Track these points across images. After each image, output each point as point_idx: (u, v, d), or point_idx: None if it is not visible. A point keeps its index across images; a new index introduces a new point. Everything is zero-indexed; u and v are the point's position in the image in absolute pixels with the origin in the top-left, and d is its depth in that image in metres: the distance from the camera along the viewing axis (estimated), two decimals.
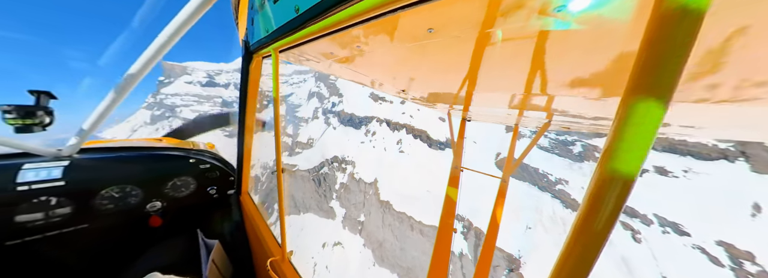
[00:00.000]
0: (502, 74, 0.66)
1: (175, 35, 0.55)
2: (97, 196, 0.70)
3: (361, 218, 32.66)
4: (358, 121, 45.92)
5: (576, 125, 1.54)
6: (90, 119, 0.67)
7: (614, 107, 0.66)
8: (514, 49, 0.49)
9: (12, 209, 0.61)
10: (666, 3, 0.20)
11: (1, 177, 0.61)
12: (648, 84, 0.21)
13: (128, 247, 0.76)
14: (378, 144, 40.17)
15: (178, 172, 0.83)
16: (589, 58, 0.48)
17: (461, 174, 1.96)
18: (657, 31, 0.21)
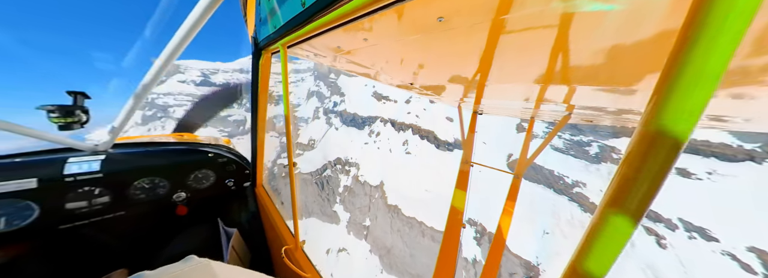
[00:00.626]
0: (518, 64, 0.62)
1: (189, 35, 0.57)
2: (130, 187, 0.80)
3: (366, 222, 31.76)
4: (362, 121, 45.01)
5: (599, 117, 1.37)
6: (119, 118, 0.76)
7: (644, 98, 0.61)
8: (533, 36, 0.46)
9: (62, 197, 0.73)
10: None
11: (51, 169, 0.73)
12: (690, 71, 0.18)
13: (159, 233, 0.85)
14: (383, 145, 39.33)
15: (199, 165, 0.91)
16: (620, 43, 0.42)
17: (471, 170, 1.89)
18: (705, 5, 0.18)
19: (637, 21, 0.35)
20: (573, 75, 0.62)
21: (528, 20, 0.40)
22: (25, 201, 0.67)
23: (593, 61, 0.53)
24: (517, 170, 1.81)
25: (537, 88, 0.79)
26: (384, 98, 47.04)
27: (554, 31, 0.42)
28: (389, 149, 37.57)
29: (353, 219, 32.79)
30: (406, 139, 37.98)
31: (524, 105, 1.31)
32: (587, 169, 24.24)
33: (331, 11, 0.44)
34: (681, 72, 0.19)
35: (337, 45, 0.67)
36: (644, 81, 0.56)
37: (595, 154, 24.83)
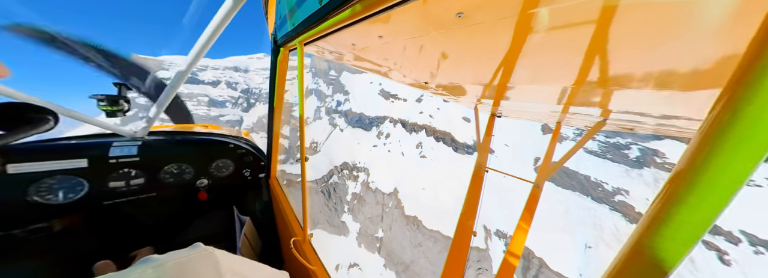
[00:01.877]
0: (546, 64, 0.58)
1: (216, 32, 0.61)
2: (161, 171, 0.90)
3: (379, 233, 29.57)
4: (369, 122, 42.70)
5: (640, 125, 1.17)
6: (154, 109, 0.85)
7: (701, 102, 0.55)
8: (566, 33, 0.42)
9: (107, 176, 0.83)
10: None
11: (99, 151, 0.83)
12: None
13: (182, 215, 0.96)
14: (394, 148, 37.20)
15: (220, 155, 1.02)
16: (674, 38, 0.37)
17: (486, 175, 1.85)
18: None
19: (703, 12, 0.29)
20: (613, 77, 0.55)
21: (562, 15, 0.36)
22: (77, 178, 0.78)
23: (641, 61, 0.46)
24: (538, 179, 1.65)
25: (567, 90, 0.71)
26: (392, 97, 44.82)
27: (593, 26, 0.37)
28: (401, 153, 35.46)
29: (364, 230, 30.55)
30: (419, 141, 35.96)
31: (550, 109, 1.14)
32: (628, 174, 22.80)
33: (347, 8, 0.45)
34: (758, 72, 0.16)
35: (352, 42, 0.66)
36: (705, 82, 0.48)
37: (635, 158, 23.42)
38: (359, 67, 1.00)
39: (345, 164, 37.28)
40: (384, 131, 39.39)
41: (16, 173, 0.69)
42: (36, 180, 0.72)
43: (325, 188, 33.96)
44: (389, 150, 36.63)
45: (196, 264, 0.21)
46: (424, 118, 38.82)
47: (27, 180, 0.71)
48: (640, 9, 0.32)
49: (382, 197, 31.34)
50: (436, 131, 35.61)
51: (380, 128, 40.40)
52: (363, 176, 34.59)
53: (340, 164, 37.35)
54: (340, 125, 44.00)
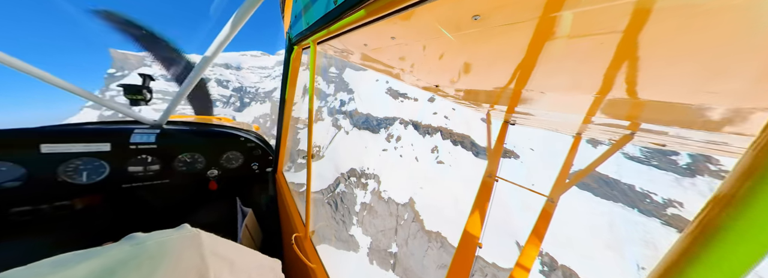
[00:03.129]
0: (567, 70, 0.55)
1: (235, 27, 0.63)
2: (175, 159, 0.95)
3: (392, 248, 27.11)
4: (376, 123, 40.10)
5: (676, 141, 1.07)
6: (174, 99, 0.89)
7: (759, 118, 0.49)
8: (590, 38, 0.39)
9: (126, 161, 0.87)
10: None
11: (121, 137, 0.87)
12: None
13: (192, 202, 1.03)
14: (406, 152, 34.73)
15: (231, 147, 1.06)
16: (722, 45, 0.32)
17: (496, 185, 1.82)
18: None
19: (753, 18, 0.26)
20: (645, 86, 0.51)
21: (587, 19, 0.34)
22: (100, 161, 0.84)
23: (680, 69, 0.42)
24: (553, 192, 1.55)
25: (589, 100, 0.66)
26: (401, 96, 42.31)
27: (622, 31, 0.34)
28: (415, 158, 33.05)
29: (375, 244, 28.02)
30: (435, 145, 33.62)
31: (569, 119, 1.08)
32: (679, 184, 20.96)
33: (361, 8, 0.46)
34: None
35: (364, 43, 0.67)
36: (757, 97, 0.43)
37: (686, 165, 21.63)
38: (371, 67, 1.00)
39: (352, 170, 34.57)
40: (394, 134, 36.87)
41: (48, 153, 0.76)
42: (65, 160, 0.79)
43: (332, 199, 31.25)
44: (401, 155, 34.16)
45: (178, 244, 0.21)
46: (439, 119, 36.51)
47: (57, 160, 0.77)
48: (679, 11, 0.27)
49: (396, 209, 28.85)
50: (453, 133, 33.32)
51: (389, 130, 37.85)
52: (373, 184, 32.00)
53: (347, 170, 34.63)
54: (344, 126, 41.22)
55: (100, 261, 0.16)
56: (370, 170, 34.02)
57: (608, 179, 23.27)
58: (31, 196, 0.77)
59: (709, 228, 0.16)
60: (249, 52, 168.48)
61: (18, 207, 0.75)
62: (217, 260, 0.23)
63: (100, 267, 0.16)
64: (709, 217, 0.16)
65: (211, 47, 0.70)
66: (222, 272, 0.22)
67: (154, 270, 0.17)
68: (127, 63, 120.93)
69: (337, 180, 33.00)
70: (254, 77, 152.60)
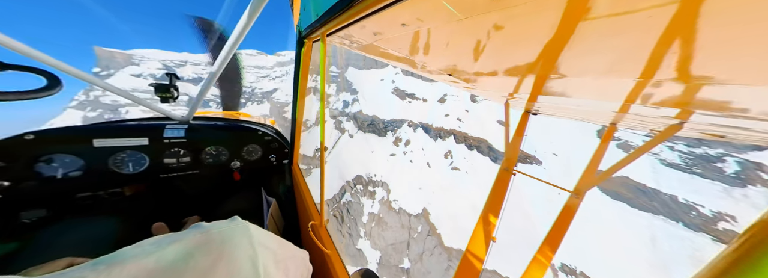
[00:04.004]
0: (603, 51, 0.49)
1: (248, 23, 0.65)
2: (203, 152, 1.05)
3: (404, 264, 25.00)
4: (383, 125, 37.95)
5: (736, 132, 0.91)
6: (198, 97, 0.98)
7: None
8: (633, 13, 0.33)
9: (162, 153, 0.97)
10: None
11: (156, 132, 0.96)
12: None
13: (219, 192, 1.14)
14: (417, 157, 32.65)
15: (250, 140, 1.15)
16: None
17: (513, 178, 1.75)
18: None
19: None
20: (704, 68, 0.42)
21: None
22: (141, 153, 0.93)
23: (757, 46, 0.33)
24: (579, 186, 1.39)
25: (630, 84, 0.59)
26: (409, 96, 40.22)
27: (676, 2, 0.29)
28: (427, 163, 31.00)
29: (386, 259, 25.86)
30: (448, 149, 31.61)
31: (603, 107, 0.98)
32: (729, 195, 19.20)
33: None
34: None
35: (374, 32, 0.67)
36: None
37: (734, 173, 19.90)
38: (382, 57, 0.99)
39: (358, 178, 32.33)
40: (402, 137, 34.77)
41: (99, 147, 0.87)
42: (113, 153, 0.89)
43: (338, 210, 28.99)
44: (411, 160, 32.06)
45: (235, 234, 0.25)
46: (451, 121, 34.49)
47: (107, 153, 0.88)
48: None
49: (408, 220, 26.75)
50: (467, 137, 31.31)
51: (397, 133, 35.73)
52: (381, 193, 29.85)
53: (353, 178, 32.36)
54: (349, 129, 38.95)
55: (183, 245, 0.20)
56: (377, 176, 31.85)
57: (645, 189, 21.40)
58: (89, 184, 0.90)
59: (760, 247, 0.13)
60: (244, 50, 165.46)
61: (81, 193, 0.90)
62: (264, 249, 0.27)
63: (183, 250, 0.20)
64: (761, 235, 0.14)
65: (227, 44, 0.73)
66: (267, 260, 0.26)
67: (220, 255, 0.21)
68: (114, 62, 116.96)
69: (343, 189, 30.71)
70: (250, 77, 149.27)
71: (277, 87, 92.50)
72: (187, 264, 0.19)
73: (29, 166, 0.77)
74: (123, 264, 0.16)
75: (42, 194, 0.81)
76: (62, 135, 0.84)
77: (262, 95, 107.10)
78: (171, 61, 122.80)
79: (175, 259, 0.19)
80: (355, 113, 38.99)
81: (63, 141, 0.84)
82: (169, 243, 0.20)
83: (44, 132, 0.81)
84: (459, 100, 35.17)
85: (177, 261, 0.19)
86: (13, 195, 0.75)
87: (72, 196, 0.88)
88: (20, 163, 0.76)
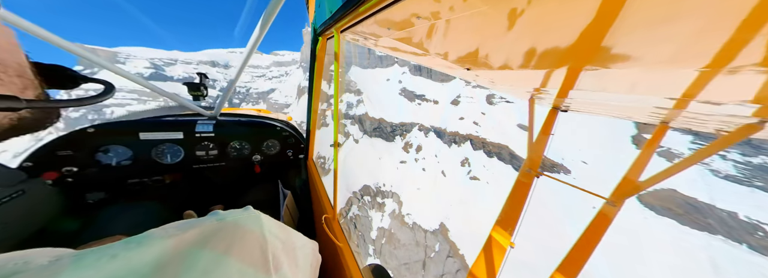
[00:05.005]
0: (656, 37, 0.41)
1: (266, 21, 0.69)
2: (228, 146, 1.14)
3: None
4: (391, 129, 35.40)
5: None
6: (224, 94, 1.07)
7: None
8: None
9: (194, 146, 1.07)
10: None
11: (189, 127, 1.05)
12: None
13: (242, 183, 1.24)
14: (430, 165, 30.09)
15: (269, 136, 1.23)
16: None
17: (536, 181, 1.66)
18: None
19: None
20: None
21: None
22: (178, 146, 1.03)
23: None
24: (616, 194, 1.25)
25: (692, 75, 0.51)
26: (418, 98, 37.75)
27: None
28: (441, 172, 28.50)
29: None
30: (464, 156, 29.15)
31: (653, 102, 0.86)
32: None
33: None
34: None
35: (387, 26, 0.67)
36: None
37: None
38: (396, 52, 1.01)
39: (365, 188, 29.63)
40: (413, 142, 32.26)
41: (144, 139, 0.97)
42: (155, 145, 1.00)
43: (345, 226, 26.24)
44: (424, 168, 29.54)
45: (248, 223, 0.27)
46: (467, 125, 32.06)
47: (150, 145, 0.99)
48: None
49: (424, 237, 24.16)
50: (486, 143, 28.90)
51: (407, 137, 33.19)
52: (392, 205, 27.23)
53: (360, 188, 29.65)
54: (353, 134, 36.25)
55: (201, 230, 0.23)
56: (386, 186, 29.22)
57: (697, 203, 19.07)
58: (137, 171, 1.00)
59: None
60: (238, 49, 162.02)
61: (131, 179, 1.01)
62: (273, 238, 0.29)
63: (200, 235, 0.22)
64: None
65: (249, 44, 0.78)
66: (276, 248, 0.28)
67: (232, 242, 0.23)
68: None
69: (349, 201, 27.93)
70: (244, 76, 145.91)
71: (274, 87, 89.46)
72: (203, 248, 0.21)
73: (91, 155, 0.91)
74: (149, 244, 0.18)
75: (101, 179, 0.94)
76: (116, 129, 0.97)
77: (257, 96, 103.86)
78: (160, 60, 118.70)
79: (193, 243, 0.21)
80: (359, 116, 36.33)
81: (116, 134, 0.97)
82: (189, 227, 0.23)
83: (102, 126, 0.94)
84: (474, 101, 32.79)
85: (195, 245, 0.21)
86: (79, 179, 0.88)
87: (124, 182, 1.01)
88: (84, 152, 0.89)
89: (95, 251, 0.17)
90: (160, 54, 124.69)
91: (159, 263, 0.18)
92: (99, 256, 0.17)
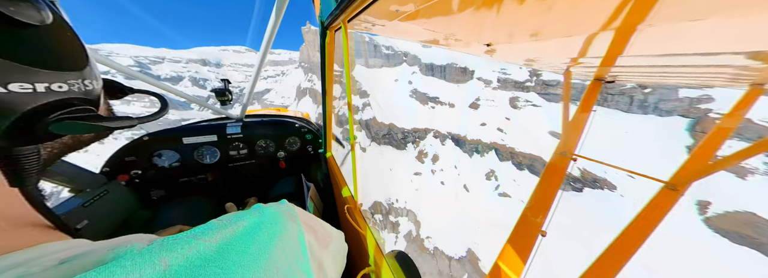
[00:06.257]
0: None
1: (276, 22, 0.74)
2: (255, 145, 1.27)
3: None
4: (402, 136, 31.99)
5: None
6: (244, 97, 1.23)
7: None
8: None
9: (227, 147, 1.20)
10: None
11: (221, 130, 1.19)
12: None
13: (270, 177, 1.35)
14: (448, 177, 26.65)
15: (290, 133, 1.34)
16: None
17: (572, 165, 1.58)
18: None
19: None
20: None
21: None
22: (214, 147, 1.18)
23: None
24: (678, 177, 1.12)
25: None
26: (432, 100, 34.49)
27: None
28: (463, 186, 25.21)
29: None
30: (490, 168, 25.88)
31: (740, 61, 0.73)
32: None
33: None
34: None
35: (394, 9, 0.66)
36: None
37: None
38: (405, 35, 1.00)
39: (376, 205, 26.13)
40: (427, 151, 28.97)
41: (187, 144, 1.13)
42: (196, 148, 1.15)
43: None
44: (442, 182, 26.24)
45: (285, 214, 0.31)
46: (490, 132, 28.84)
47: (192, 148, 1.14)
48: None
49: (448, 265, 20.83)
50: (515, 153, 25.68)
51: (420, 145, 29.84)
52: (407, 225, 23.82)
53: (370, 205, 26.17)
54: (360, 140, 32.74)
55: (249, 222, 0.26)
56: (400, 202, 25.85)
57: None
58: (185, 171, 1.16)
59: None
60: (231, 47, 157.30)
61: (181, 179, 1.18)
62: (308, 228, 0.33)
63: (250, 226, 0.26)
64: None
65: (263, 44, 0.84)
66: (310, 237, 0.32)
67: (274, 233, 0.27)
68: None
69: None
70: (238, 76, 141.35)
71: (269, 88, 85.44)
72: (255, 238, 0.25)
73: (149, 159, 1.06)
74: (212, 234, 0.22)
75: (159, 179, 1.10)
76: (164, 136, 1.11)
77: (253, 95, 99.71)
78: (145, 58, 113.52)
79: (245, 233, 0.25)
80: (366, 121, 32.86)
81: (165, 140, 1.12)
82: (239, 219, 0.26)
83: (154, 134, 1.09)
84: (496, 105, 29.66)
85: (247, 235, 0.25)
86: (144, 179, 1.05)
87: (176, 181, 1.17)
88: (143, 157, 1.05)
89: (174, 237, 0.22)
90: (145, 52, 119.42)
91: (220, 248, 0.22)
92: (177, 239, 0.21)
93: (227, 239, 0.23)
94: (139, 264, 0.16)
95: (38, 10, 0.20)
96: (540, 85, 29.26)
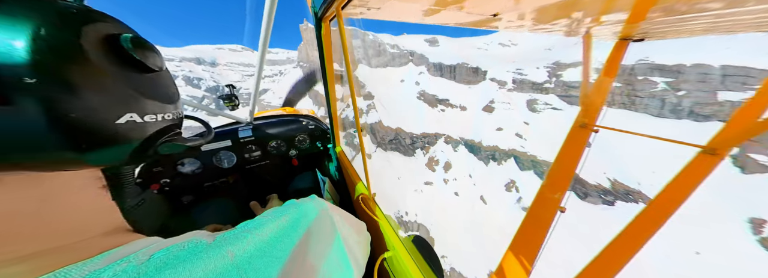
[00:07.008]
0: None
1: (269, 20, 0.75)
2: (268, 145, 1.33)
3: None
4: (410, 141, 29.83)
5: None
6: (251, 100, 1.22)
7: None
8: None
9: (242, 150, 1.26)
10: None
11: (234, 135, 1.24)
12: None
13: (286, 175, 1.44)
14: (463, 188, 24.48)
15: (299, 131, 1.40)
16: None
17: (594, 136, 1.48)
18: None
19: None
20: None
21: None
22: (230, 152, 1.23)
23: None
24: (718, 139, 1.06)
25: None
26: (441, 103, 32.37)
27: None
28: (480, 198, 23.12)
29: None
30: (510, 178, 23.78)
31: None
32: None
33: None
34: None
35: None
36: None
37: None
38: (403, 17, 0.99)
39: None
40: (439, 158, 26.87)
41: (205, 150, 1.18)
42: (214, 154, 1.21)
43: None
44: (456, 193, 24.13)
45: (318, 208, 0.35)
46: (507, 138, 26.78)
47: (210, 154, 1.20)
48: None
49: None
50: (537, 161, 23.58)
51: (430, 151, 27.72)
52: None
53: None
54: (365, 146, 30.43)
55: (291, 217, 0.29)
56: (409, 215, 23.74)
57: None
58: (207, 176, 1.23)
59: None
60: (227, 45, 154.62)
61: (206, 183, 1.26)
62: (339, 219, 0.37)
63: (292, 220, 0.29)
64: None
65: (260, 41, 0.86)
66: (341, 228, 0.36)
67: (311, 224, 0.31)
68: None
69: None
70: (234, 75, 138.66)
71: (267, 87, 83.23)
72: (297, 230, 0.28)
73: (174, 168, 1.13)
74: (263, 228, 0.25)
75: (186, 185, 1.18)
76: None
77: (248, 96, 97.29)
78: None
79: (289, 226, 0.28)
80: (371, 125, 30.67)
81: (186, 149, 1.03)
82: (281, 214, 0.29)
83: None
84: (512, 108, 27.64)
85: (291, 227, 0.28)
86: (172, 187, 1.12)
87: (201, 185, 1.26)
88: (168, 166, 1.11)
89: (234, 231, 0.25)
90: None
91: (271, 240, 0.25)
92: (236, 234, 0.24)
93: (276, 232, 0.26)
94: (213, 256, 0.20)
95: (161, 59, 0.25)
96: (560, 86, 27.17)
